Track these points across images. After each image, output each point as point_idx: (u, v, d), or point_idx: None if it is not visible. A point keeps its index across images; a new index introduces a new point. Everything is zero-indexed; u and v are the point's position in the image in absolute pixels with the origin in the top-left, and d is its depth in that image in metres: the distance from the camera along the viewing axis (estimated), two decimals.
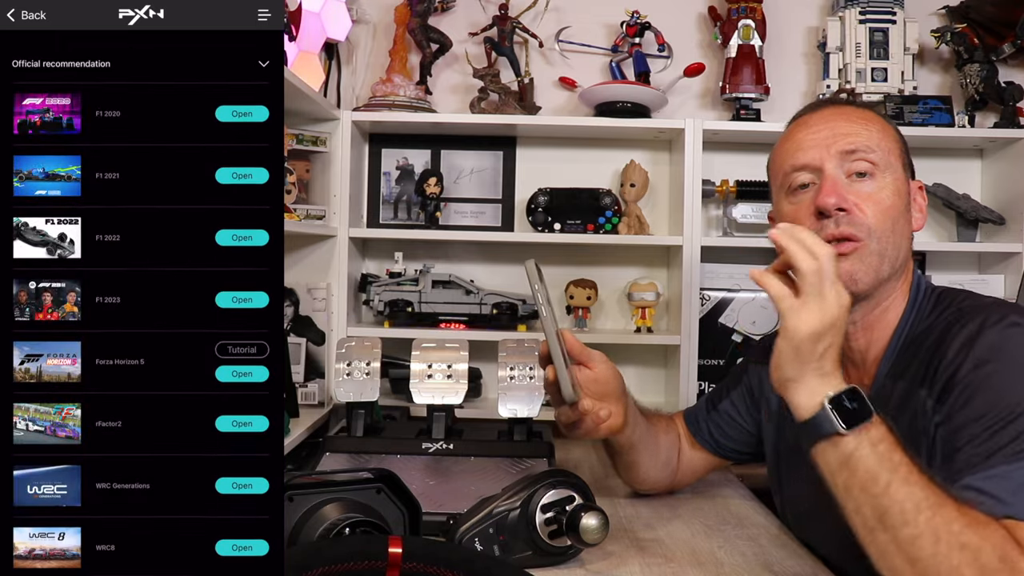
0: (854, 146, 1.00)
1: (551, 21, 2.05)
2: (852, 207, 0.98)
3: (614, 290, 2.06)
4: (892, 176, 1.01)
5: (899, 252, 1.00)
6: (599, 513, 0.93)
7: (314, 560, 0.70)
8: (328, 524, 0.89)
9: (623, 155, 2.03)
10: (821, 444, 0.84)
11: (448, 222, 2.04)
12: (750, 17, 1.97)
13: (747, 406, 1.23)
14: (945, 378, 0.90)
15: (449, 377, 1.36)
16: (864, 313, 1.02)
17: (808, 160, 1.01)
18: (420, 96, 1.93)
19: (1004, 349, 0.88)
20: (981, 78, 1.94)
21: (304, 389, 1.76)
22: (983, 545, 0.74)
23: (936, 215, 2.08)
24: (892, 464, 0.80)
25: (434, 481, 1.20)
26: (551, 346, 1.01)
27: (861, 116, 1.04)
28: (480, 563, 0.76)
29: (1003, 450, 0.81)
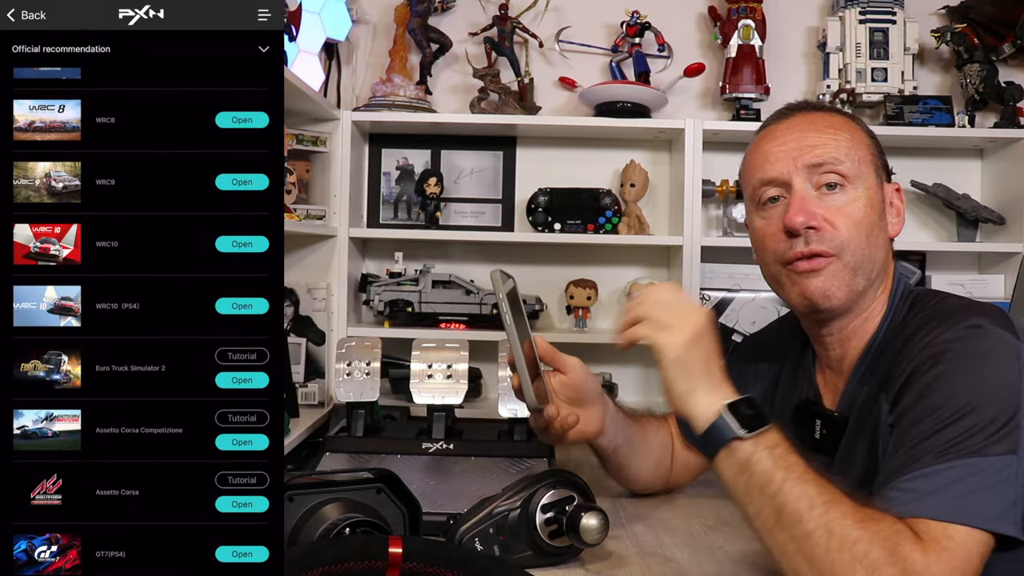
0: (821, 159, 0.97)
1: (551, 21, 2.05)
2: (821, 224, 0.96)
3: (614, 290, 2.06)
4: (864, 186, 0.98)
5: (875, 263, 0.98)
6: (599, 513, 0.93)
7: (314, 560, 0.70)
8: (328, 524, 0.89)
9: (623, 155, 2.03)
10: (721, 452, 0.85)
11: (448, 222, 2.04)
12: (750, 17, 1.97)
13: None
14: (901, 380, 0.90)
15: (449, 377, 1.36)
16: (843, 325, 1.01)
17: (775, 174, 1.00)
18: (420, 96, 1.93)
19: (958, 350, 0.87)
20: (981, 78, 1.94)
21: (304, 389, 1.76)
22: (874, 539, 0.75)
23: (936, 215, 2.08)
24: (787, 464, 0.81)
25: (434, 481, 1.20)
26: (514, 355, 1.01)
27: (829, 124, 1.01)
28: (480, 563, 0.76)
29: (935, 451, 0.80)
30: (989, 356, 0.86)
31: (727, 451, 0.84)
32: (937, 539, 0.75)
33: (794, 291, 0.99)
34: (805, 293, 0.98)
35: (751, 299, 1.91)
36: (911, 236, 2.04)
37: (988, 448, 0.80)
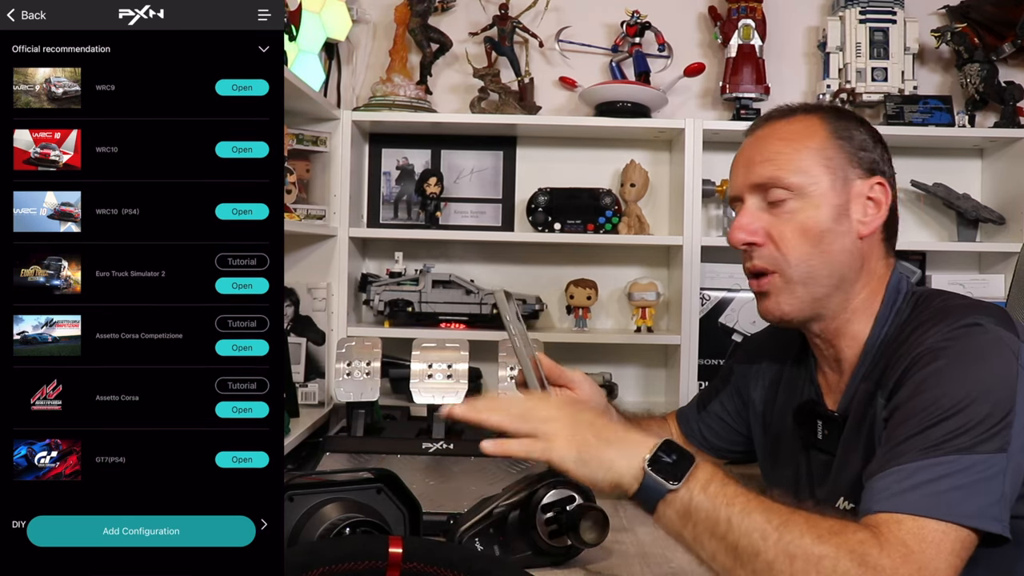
0: (762, 178, 0.99)
1: (551, 21, 2.05)
2: (762, 240, 0.98)
3: (614, 290, 2.06)
4: (815, 193, 0.97)
5: (833, 268, 0.97)
6: (599, 513, 0.93)
7: (314, 560, 0.70)
8: (328, 524, 0.89)
9: (623, 155, 2.03)
10: (659, 508, 0.81)
11: (448, 222, 2.04)
12: (750, 17, 1.97)
13: (736, 407, 1.23)
14: (896, 376, 0.90)
15: (449, 377, 1.36)
16: (823, 327, 1.01)
17: (734, 192, 1.04)
18: (420, 96, 1.93)
19: (955, 348, 0.86)
20: (981, 78, 1.94)
21: (304, 389, 1.76)
22: (838, 553, 0.74)
23: (936, 215, 2.08)
24: (728, 500, 0.79)
25: (434, 481, 1.20)
26: (526, 374, 1.02)
27: (781, 137, 1.00)
28: (480, 563, 0.76)
29: (921, 447, 0.80)
30: (986, 354, 0.86)
31: (664, 505, 0.81)
32: (904, 540, 0.75)
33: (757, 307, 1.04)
34: (761, 312, 1.03)
35: (751, 299, 1.90)
36: (911, 236, 2.04)
37: (977, 446, 0.80)
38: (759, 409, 1.18)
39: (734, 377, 1.24)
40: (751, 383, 1.19)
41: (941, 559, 0.75)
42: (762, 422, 1.17)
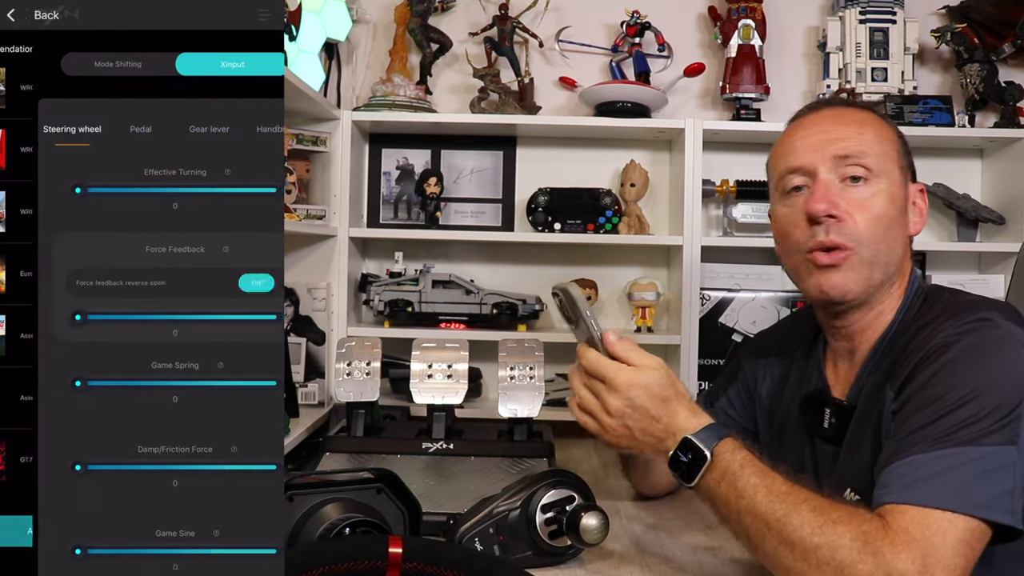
0: (847, 151, 0.98)
1: (551, 21, 2.05)
2: (843, 215, 0.97)
3: (614, 290, 2.06)
4: (887, 181, 0.99)
5: (892, 258, 0.99)
6: (599, 513, 0.93)
7: (314, 560, 0.70)
8: (328, 524, 0.89)
9: (623, 155, 2.03)
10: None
11: (448, 222, 2.04)
12: (750, 17, 1.97)
13: (743, 402, 1.24)
14: (908, 370, 0.90)
15: (449, 377, 1.36)
16: (857, 318, 1.02)
17: (801, 163, 1.00)
18: (420, 96, 1.93)
19: (965, 342, 0.87)
20: (981, 78, 1.94)
21: (304, 389, 1.76)
22: (839, 541, 0.76)
23: (936, 215, 2.08)
24: (736, 493, 0.85)
25: (434, 481, 1.20)
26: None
27: (856, 119, 1.02)
28: (480, 563, 0.76)
29: (931, 439, 0.81)
30: (997, 347, 0.87)
31: (691, 493, 0.91)
32: (908, 528, 0.76)
33: (811, 282, 1.00)
34: (823, 287, 0.98)
35: (751, 299, 1.91)
36: None
37: (986, 437, 0.80)
38: (765, 403, 1.18)
39: (742, 372, 1.25)
40: (759, 378, 1.20)
41: (948, 547, 0.75)
42: (767, 414, 1.18)
